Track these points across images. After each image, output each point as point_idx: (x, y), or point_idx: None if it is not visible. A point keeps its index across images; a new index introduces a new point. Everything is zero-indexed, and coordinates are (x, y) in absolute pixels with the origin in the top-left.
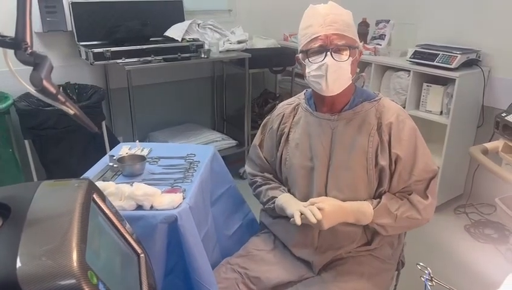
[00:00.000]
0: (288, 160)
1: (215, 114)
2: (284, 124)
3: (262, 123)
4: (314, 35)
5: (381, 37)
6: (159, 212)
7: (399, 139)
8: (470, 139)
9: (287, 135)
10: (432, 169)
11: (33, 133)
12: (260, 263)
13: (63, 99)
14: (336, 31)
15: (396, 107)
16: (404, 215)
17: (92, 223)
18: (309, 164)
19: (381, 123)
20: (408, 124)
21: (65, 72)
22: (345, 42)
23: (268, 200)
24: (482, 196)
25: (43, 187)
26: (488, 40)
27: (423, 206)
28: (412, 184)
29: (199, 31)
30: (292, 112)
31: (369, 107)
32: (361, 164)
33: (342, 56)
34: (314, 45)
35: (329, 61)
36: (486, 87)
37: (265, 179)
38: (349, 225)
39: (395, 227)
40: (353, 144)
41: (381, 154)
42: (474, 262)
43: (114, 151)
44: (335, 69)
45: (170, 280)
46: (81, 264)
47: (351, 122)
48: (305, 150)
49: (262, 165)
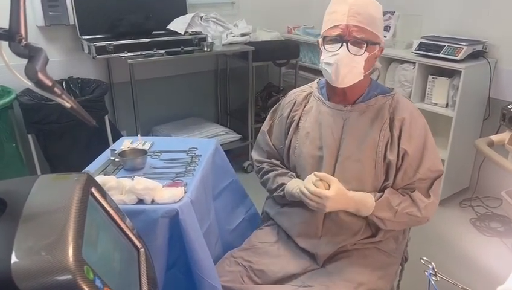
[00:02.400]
0: (297, 148)
1: (219, 108)
2: (295, 111)
3: (272, 109)
4: (335, 22)
5: (386, 28)
6: (160, 206)
7: (409, 135)
8: (476, 132)
9: (297, 123)
10: (438, 169)
11: (36, 128)
12: (264, 256)
13: (59, 92)
14: (357, 23)
15: (410, 104)
16: (405, 211)
17: (90, 217)
18: (318, 153)
19: (394, 118)
20: (420, 122)
21: (68, 66)
22: (364, 36)
23: (277, 187)
24: (488, 189)
25: (40, 181)
26: (495, 31)
27: (424, 205)
28: (416, 182)
29: (202, 24)
30: (304, 100)
31: (383, 101)
32: (371, 157)
33: (359, 50)
34: (333, 32)
35: (343, 53)
36: (492, 79)
37: (273, 165)
38: (353, 215)
39: (394, 222)
40: (364, 136)
41: (391, 149)
42: (479, 256)
43: (116, 145)
44: (347, 62)
45: (172, 274)
46: (77, 259)
47: (364, 114)
48: (315, 139)
49: (270, 151)
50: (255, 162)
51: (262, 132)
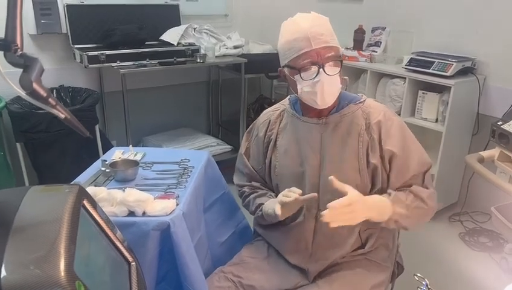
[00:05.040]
0: (277, 167)
1: (211, 119)
2: (270, 130)
3: (247, 131)
4: (301, 50)
5: (377, 44)
6: (151, 218)
7: (389, 135)
8: (465, 147)
9: (274, 142)
10: (427, 161)
11: (25, 136)
12: (254, 271)
13: (53, 102)
14: (323, 44)
15: (381, 106)
16: (414, 205)
17: (81, 230)
18: (299, 169)
19: (370, 123)
20: (396, 120)
21: (59, 75)
22: (334, 53)
23: (256, 208)
24: (476, 204)
25: (31, 193)
26: (484, 48)
27: (426, 195)
28: (410, 179)
29: (195, 35)
30: (278, 118)
31: (355, 109)
32: (353, 166)
33: (334, 68)
34: (303, 61)
35: (323, 78)
36: (481, 95)
37: (253, 188)
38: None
39: (410, 218)
40: (343, 146)
41: (372, 153)
42: (468, 270)
43: (107, 155)
44: (328, 85)
45: (162, 288)
46: (69, 273)
47: (339, 124)
48: (295, 155)
49: (249, 173)
50: (236, 187)
51: (239, 155)
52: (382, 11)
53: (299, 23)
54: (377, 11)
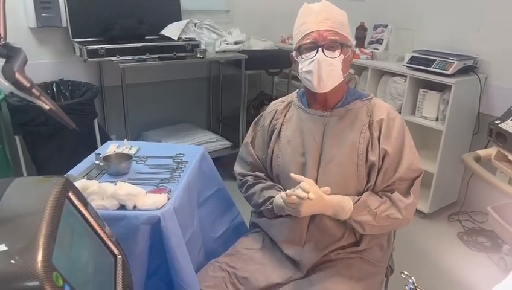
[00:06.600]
0: (280, 157)
1: (211, 115)
2: (276, 120)
3: (254, 121)
4: (306, 31)
5: (379, 41)
6: (141, 212)
7: (388, 135)
8: (465, 146)
9: (278, 131)
10: (418, 168)
11: (24, 129)
12: (248, 262)
13: (37, 93)
14: (328, 27)
15: (386, 105)
16: (384, 214)
17: (64, 222)
18: (301, 159)
19: (373, 120)
20: (398, 121)
21: (59, 69)
22: (338, 39)
23: (264, 201)
24: (475, 203)
25: (16, 184)
26: (486, 47)
27: (404, 205)
28: (395, 182)
29: (196, 30)
30: (285, 109)
31: (361, 105)
32: (352, 160)
33: (334, 53)
34: (306, 41)
35: (320, 57)
36: (482, 94)
37: (257, 178)
38: (336, 220)
39: (375, 226)
40: (344, 139)
41: (371, 150)
42: (466, 270)
43: (101, 149)
44: (326, 65)
45: (152, 283)
46: (46, 265)
47: (343, 118)
48: (298, 146)
49: (253, 163)
50: (238, 176)
51: (245, 143)
52: (384, 9)
53: (311, 7)
54: (379, 9)
